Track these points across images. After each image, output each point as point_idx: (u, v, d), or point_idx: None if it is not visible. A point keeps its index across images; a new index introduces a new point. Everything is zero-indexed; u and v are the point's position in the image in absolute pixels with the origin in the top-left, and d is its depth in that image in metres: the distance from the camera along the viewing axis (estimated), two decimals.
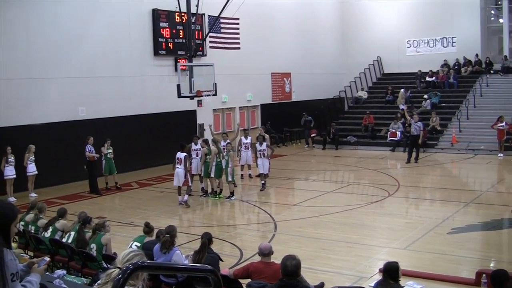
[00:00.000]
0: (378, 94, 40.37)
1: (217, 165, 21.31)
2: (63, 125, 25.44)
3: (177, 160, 20.56)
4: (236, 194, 21.76)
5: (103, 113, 27.00)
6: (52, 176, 24.59)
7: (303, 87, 40.50)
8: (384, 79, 42.77)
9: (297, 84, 40.28)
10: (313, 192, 21.94)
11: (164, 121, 29.72)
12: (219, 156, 21.38)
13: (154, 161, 28.98)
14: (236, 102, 35.47)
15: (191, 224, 18.52)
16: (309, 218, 17.84)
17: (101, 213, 19.02)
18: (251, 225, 17.92)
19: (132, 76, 28.53)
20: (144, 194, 23.20)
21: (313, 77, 41.35)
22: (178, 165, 20.54)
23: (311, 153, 34.14)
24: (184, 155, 20.55)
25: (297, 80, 40.24)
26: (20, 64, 24.00)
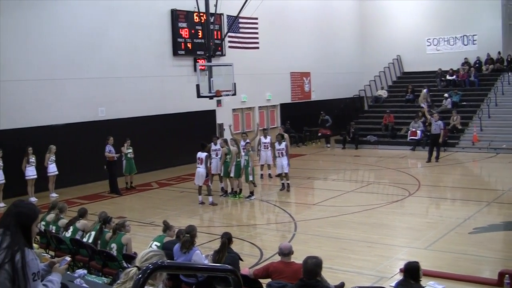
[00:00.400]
0: (398, 93, 40.17)
1: (236, 165, 21.33)
2: (83, 125, 25.60)
3: (198, 160, 20.63)
4: (255, 193, 21.76)
5: (123, 114, 27.13)
6: (72, 176, 24.74)
7: (322, 87, 40.42)
8: (404, 78, 42.52)
9: (316, 83, 40.22)
10: (333, 192, 21.87)
11: (183, 121, 29.79)
12: (238, 155, 21.42)
13: (173, 161, 29.07)
14: (256, 102, 35.48)
15: (211, 224, 18.54)
16: (329, 218, 17.79)
17: (121, 213, 19.09)
18: (271, 224, 17.92)
19: (152, 77, 28.63)
20: (164, 194, 23.27)
21: (333, 77, 41.26)
22: (199, 164, 20.62)
23: (331, 153, 34.04)
24: (205, 154, 20.59)
25: (317, 80, 40.18)
26: (40, 65, 24.17)
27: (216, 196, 21.58)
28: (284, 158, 22.46)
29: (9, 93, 23.11)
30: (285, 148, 22.47)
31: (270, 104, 36.89)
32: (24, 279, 4.94)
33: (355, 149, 34.43)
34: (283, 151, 22.47)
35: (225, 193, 22.20)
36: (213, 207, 20.33)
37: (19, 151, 22.33)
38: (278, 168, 22.87)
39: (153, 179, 26.32)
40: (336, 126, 37.43)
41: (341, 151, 34.65)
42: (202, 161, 20.47)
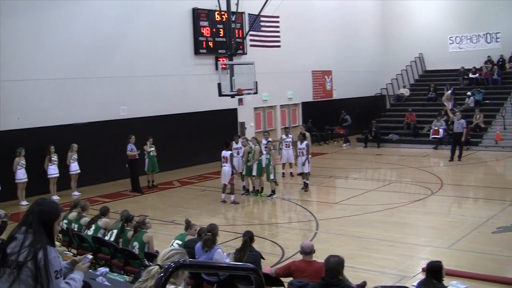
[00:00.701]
0: (420, 92, 39.92)
1: (258, 163, 21.32)
2: (105, 124, 25.72)
3: (223, 159, 20.70)
4: (277, 192, 21.74)
5: (144, 112, 27.22)
6: (94, 175, 24.85)
7: (344, 85, 40.28)
8: (426, 76, 42.27)
9: (338, 82, 40.09)
10: (354, 191, 21.81)
11: (205, 119, 29.81)
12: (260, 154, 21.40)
13: (195, 160, 29.10)
14: (277, 100, 35.44)
15: (232, 222, 18.58)
16: (351, 217, 17.74)
17: (143, 211, 19.12)
18: (292, 223, 17.87)
19: (173, 75, 28.69)
20: (185, 192, 23.31)
21: (354, 75, 41.11)
22: (224, 163, 20.67)
23: (353, 151, 33.94)
24: (230, 153, 20.69)
25: (338, 78, 40.05)
26: (62, 64, 24.30)
27: (238, 195, 21.58)
28: (303, 159, 22.38)
29: (31, 92, 23.31)
30: (306, 148, 22.37)
31: (292, 103, 36.84)
32: (46, 277, 4.97)
33: (377, 147, 34.29)
34: (303, 150, 22.40)
35: (246, 191, 22.22)
36: (235, 206, 20.35)
37: (42, 150, 22.48)
38: (299, 167, 22.83)
39: (175, 177, 26.38)
40: (358, 125, 37.32)
41: (363, 149, 34.53)
42: (227, 160, 20.56)
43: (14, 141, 22.15)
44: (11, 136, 22.46)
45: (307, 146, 22.49)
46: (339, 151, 34.41)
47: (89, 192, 23.32)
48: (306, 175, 22.54)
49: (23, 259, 4.95)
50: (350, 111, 37.18)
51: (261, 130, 32.59)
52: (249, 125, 32.89)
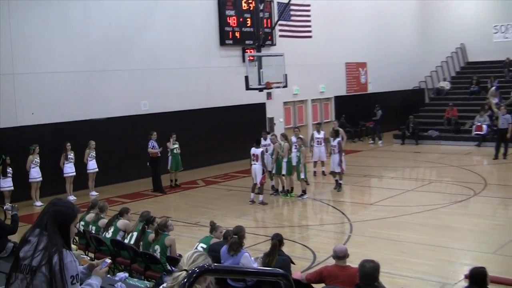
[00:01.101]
0: (462, 85, 39.54)
1: (287, 161, 21.25)
2: (124, 119, 25.81)
3: (253, 156, 20.66)
4: (308, 192, 21.68)
5: (167, 107, 27.28)
6: (113, 174, 24.96)
7: (380, 78, 40.09)
8: (468, 68, 41.87)
9: (373, 74, 39.94)
10: (391, 191, 21.68)
11: (231, 115, 29.86)
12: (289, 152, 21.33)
13: (220, 158, 29.16)
14: (308, 94, 35.36)
15: (260, 225, 18.57)
16: (388, 219, 17.64)
17: (165, 212, 19.18)
18: (324, 225, 17.82)
19: (197, 68, 28.72)
20: (210, 192, 23.34)
21: (391, 67, 40.86)
22: (254, 161, 20.64)
23: (389, 149, 33.79)
24: (261, 150, 20.63)
25: (374, 71, 39.88)
26: (79, 56, 24.41)
27: (267, 195, 21.56)
28: (336, 156, 22.25)
29: (46, 85, 23.44)
30: (338, 145, 22.21)
31: (324, 97, 36.74)
32: (62, 282, 4.95)
33: (415, 145, 34.06)
34: (335, 148, 22.26)
35: (276, 191, 22.18)
36: (263, 207, 20.33)
37: (57, 147, 22.63)
38: (331, 165, 22.72)
39: (199, 176, 26.44)
40: (394, 121, 37.15)
41: (400, 147, 34.36)
42: (258, 158, 20.52)
43: (28, 138, 22.24)
44: (24, 133, 22.58)
45: (339, 143, 22.33)
46: (374, 148, 34.28)
47: (107, 192, 23.44)
48: (339, 174, 22.43)
49: (37, 264, 4.93)
50: (386, 106, 36.99)
51: (291, 126, 32.52)
52: (278, 121, 32.87)
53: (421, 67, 42.24)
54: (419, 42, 43.82)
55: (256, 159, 20.59)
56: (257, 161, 20.56)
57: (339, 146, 22.19)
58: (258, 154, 20.53)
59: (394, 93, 40.64)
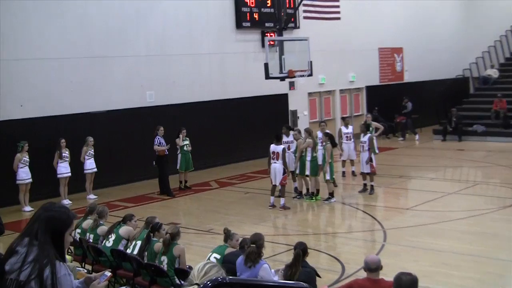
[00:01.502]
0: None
1: (312, 160, 21.18)
2: (127, 113, 25.81)
3: (273, 155, 20.52)
4: (336, 195, 21.63)
5: (176, 99, 27.32)
6: (114, 174, 25.05)
7: (418, 65, 39.95)
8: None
9: (410, 61, 39.81)
10: (431, 194, 21.62)
11: (248, 107, 29.92)
12: (315, 150, 21.26)
13: (236, 156, 29.25)
14: (336, 84, 35.31)
15: (281, 232, 18.54)
16: (426, 226, 17.56)
17: (174, 218, 19.25)
18: (354, 233, 17.79)
19: (210, 54, 28.73)
20: (225, 195, 23.35)
21: (431, 53, 40.74)
22: (274, 160, 20.51)
23: (428, 146, 33.68)
24: (282, 148, 20.47)
25: (411, 57, 39.77)
26: (76, 41, 24.37)
27: (289, 198, 21.52)
28: (366, 154, 22.10)
29: (38, 73, 23.39)
30: (368, 141, 22.08)
31: (354, 87, 36.71)
32: None
33: (458, 141, 33.92)
34: (365, 144, 22.13)
35: (299, 194, 22.12)
36: (285, 211, 20.28)
37: (50, 144, 22.64)
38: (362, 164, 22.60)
39: (212, 177, 26.48)
40: (434, 114, 37.04)
41: (440, 143, 34.27)
42: (278, 156, 20.40)
43: (15, 134, 22.25)
44: (12, 128, 22.56)
45: (370, 139, 22.17)
46: (411, 145, 34.17)
47: (108, 195, 23.50)
48: (369, 175, 22.28)
49: (26, 278, 4.89)
50: (425, 97, 36.85)
51: (317, 120, 32.49)
52: (302, 114, 32.84)
53: (465, 53, 42.08)
54: (463, 25, 43.62)
55: (276, 158, 20.45)
56: (278, 160, 20.41)
57: (369, 142, 22.07)
58: (279, 151, 20.41)
59: (434, 83, 40.54)
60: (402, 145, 34.22)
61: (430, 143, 34.70)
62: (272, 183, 20.70)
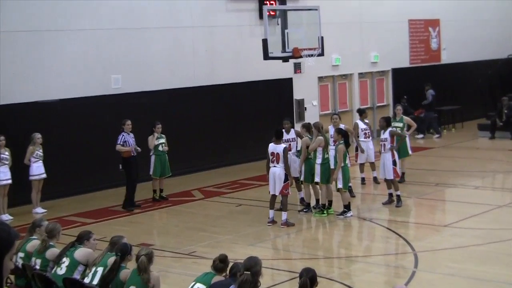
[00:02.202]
0: None
1: (323, 164, 21.15)
2: (86, 102, 25.73)
3: (272, 156, 20.35)
4: (353, 208, 21.69)
5: (149, 84, 27.28)
6: (69, 181, 24.99)
7: (458, 42, 40.02)
8: None
9: (449, 37, 39.85)
10: (475, 207, 21.57)
11: (242, 96, 29.96)
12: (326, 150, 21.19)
13: (227, 158, 29.29)
14: (354, 66, 35.36)
15: (283, 255, 18.59)
16: (470, 247, 17.58)
17: (146, 237, 19.26)
18: (376, 257, 17.76)
19: (195, 28, 28.71)
20: (212, 208, 23.36)
21: (475, 27, 40.80)
22: (274, 163, 20.37)
23: (472, 145, 33.70)
24: (283, 147, 20.17)
25: (449, 32, 39.81)
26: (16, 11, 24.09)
27: (293, 212, 21.58)
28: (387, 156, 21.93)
29: None
30: (389, 138, 21.91)
31: (377, 70, 36.81)
32: None
33: (510, 139, 33.98)
34: (385, 142, 21.97)
35: (306, 207, 22.11)
36: (288, 229, 20.27)
37: None
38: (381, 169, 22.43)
39: (196, 185, 26.48)
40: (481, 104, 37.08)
41: (488, 142, 34.33)
42: (279, 158, 20.21)
43: None
44: None
45: (392, 135, 22.02)
46: (451, 144, 34.13)
47: (60, 209, 23.45)
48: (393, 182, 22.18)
49: None
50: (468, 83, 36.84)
51: (329, 112, 32.52)
52: (311, 104, 32.84)
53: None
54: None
55: (276, 160, 20.31)
56: (278, 163, 20.26)
57: (391, 139, 21.88)
58: (279, 152, 20.18)
59: (480, 65, 40.55)
60: (439, 143, 34.20)
61: (475, 141, 34.76)
62: (271, 192, 20.59)
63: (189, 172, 27.48)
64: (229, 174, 27.96)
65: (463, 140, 35.31)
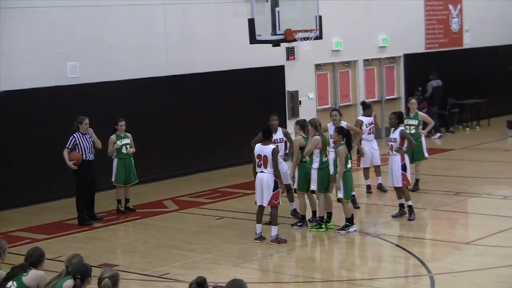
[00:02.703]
0: None
1: (321, 168, 21.25)
2: (37, 94, 25.79)
3: (259, 159, 20.25)
4: (356, 221, 21.80)
5: (113, 73, 27.38)
6: (16, 190, 25.04)
7: (484, 23, 40.18)
8: None
9: (473, 17, 40.04)
10: (503, 220, 21.67)
11: (224, 87, 30.08)
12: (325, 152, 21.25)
13: (206, 162, 29.43)
14: (359, 52, 35.55)
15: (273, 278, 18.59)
16: (496, 269, 17.60)
17: (109, 257, 19.32)
18: (384, 280, 17.87)
19: (167, 5, 28.79)
20: (188, 221, 23.45)
21: (503, 4, 40.87)
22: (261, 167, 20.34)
23: (500, 146, 33.79)
24: (272, 148, 19.95)
25: (473, 10, 39.98)
26: None
27: (285, 226, 21.72)
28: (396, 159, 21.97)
29: None
30: (399, 139, 21.92)
31: (386, 56, 36.96)
32: None
33: None
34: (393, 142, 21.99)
35: (301, 220, 22.20)
36: (279, 246, 20.36)
37: None
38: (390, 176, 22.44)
39: (168, 194, 26.59)
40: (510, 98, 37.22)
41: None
42: (267, 161, 20.20)
43: None
44: None
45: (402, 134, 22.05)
46: (473, 145, 34.22)
47: (5, 222, 23.43)
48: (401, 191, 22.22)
49: None
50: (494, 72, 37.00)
51: (328, 106, 32.64)
52: (307, 98, 32.93)
53: None
54: None
55: (264, 164, 20.23)
56: (266, 168, 20.28)
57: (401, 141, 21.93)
58: (267, 154, 20.02)
59: (510, 49, 40.72)
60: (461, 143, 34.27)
61: (503, 142, 34.91)
62: (258, 203, 20.52)
63: (160, 178, 27.59)
64: (208, 181, 28.08)
65: (489, 140, 35.43)
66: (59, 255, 15.69)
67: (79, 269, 12.32)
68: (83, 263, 12.49)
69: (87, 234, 22.33)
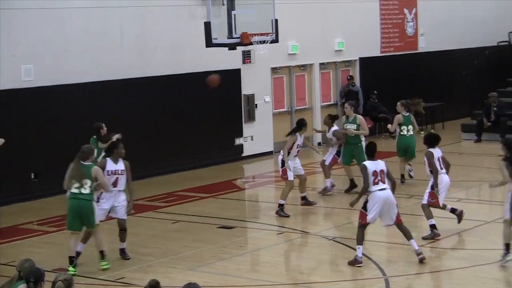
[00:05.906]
0: None
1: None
2: None
3: (374, 176, 19.41)
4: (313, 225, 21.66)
5: (68, 77, 27.19)
6: None
7: (440, 27, 40.37)
8: None
9: (428, 21, 40.20)
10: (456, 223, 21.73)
11: (181, 90, 30.00)
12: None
13: (162, 165, 29.40)
14: (314, 55, 35.56)
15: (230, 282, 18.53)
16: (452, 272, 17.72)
17: (63, 262, 19.07)
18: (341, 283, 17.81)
19: (123, 7, 28.71)
20: (143, 225, 23.52)
21: (458, 8, 41.07)
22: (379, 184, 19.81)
23: (455, 149, 33.88)
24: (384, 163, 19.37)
25: (428, 13, 40.17)
26: None
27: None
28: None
29: None
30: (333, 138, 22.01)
31: (342, 60, 37.01)
32: None
33: (499, 142, 34.15)
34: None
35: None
36: (235, 250, 20.35)
37: None
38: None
39: None
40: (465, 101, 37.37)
41: (473, 146, 34.76)
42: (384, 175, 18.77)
43: None
44: None
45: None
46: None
47: None
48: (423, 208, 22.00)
49: None
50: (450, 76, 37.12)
51: (284, 110, 32.59)
52: (263, 101, 32.87)
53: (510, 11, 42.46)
54: None
55: (381, 180, 18.67)
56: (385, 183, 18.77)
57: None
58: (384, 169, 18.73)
59: (465, 53, 40.91)
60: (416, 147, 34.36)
61: (458, 145, 35.11)
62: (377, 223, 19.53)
63: None
64: (164, 185, 28.05)
65: (444, 143, 35.36)
66: (13, 259, 15.57)
67: (32, 273, 12.19)
68: (35, 267, 12.37)
69: (42, 239, 22.21)
